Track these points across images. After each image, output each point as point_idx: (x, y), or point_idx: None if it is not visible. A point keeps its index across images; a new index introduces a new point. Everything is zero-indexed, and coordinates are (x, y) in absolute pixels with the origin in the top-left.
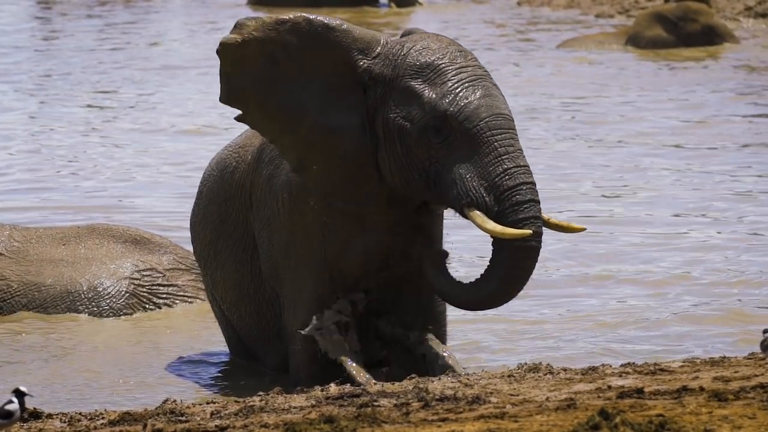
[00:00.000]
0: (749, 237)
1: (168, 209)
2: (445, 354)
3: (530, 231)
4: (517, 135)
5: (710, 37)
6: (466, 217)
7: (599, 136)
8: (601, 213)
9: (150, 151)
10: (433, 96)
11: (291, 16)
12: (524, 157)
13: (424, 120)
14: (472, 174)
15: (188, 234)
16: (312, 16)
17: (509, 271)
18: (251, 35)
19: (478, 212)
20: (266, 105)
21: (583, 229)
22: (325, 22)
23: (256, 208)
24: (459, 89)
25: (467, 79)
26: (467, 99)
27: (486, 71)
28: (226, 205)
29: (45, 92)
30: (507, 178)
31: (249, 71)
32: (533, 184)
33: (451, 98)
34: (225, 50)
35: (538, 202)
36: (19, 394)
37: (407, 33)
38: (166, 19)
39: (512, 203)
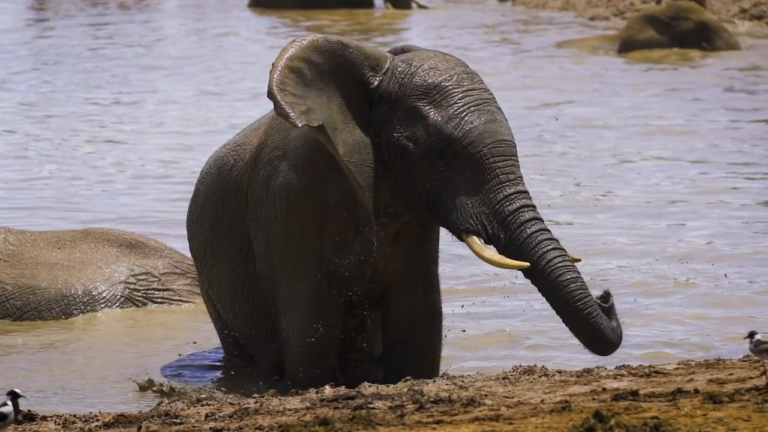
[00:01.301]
0: (743, 238)
1: (157, 212)
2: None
3: (528, 264)
4: (518, 161)
5: (704, 33)
6: (463, 241)
7: (586, 138)
8: (593, 215)
9: (142, 152)
10: (439, 119)
11: (309, 35)
12: (524, 183)
13: (428, 142)
14: (473, 201)
15: (181, 238)
16: (328, 35)
17: (569, 304)
18: (279, 61)
19: (475, 239)
20: (312, 122)
21: (579, 260)
22: (341, 39)
23: (253, 208)
24: (465, 113)
25: (473, 103)
26: (472, 124)
27: (491, 94)
28: (222, 203)
29: (32, 94)
30: (507, 204)
31: (288, 92)
32: (534, 206)
33: (456, 122)
34: (269, 90)
35: (542, 220)
36: (14, 396)
37: (400, 50)
38: (160, 20)
39: (517, 225)
